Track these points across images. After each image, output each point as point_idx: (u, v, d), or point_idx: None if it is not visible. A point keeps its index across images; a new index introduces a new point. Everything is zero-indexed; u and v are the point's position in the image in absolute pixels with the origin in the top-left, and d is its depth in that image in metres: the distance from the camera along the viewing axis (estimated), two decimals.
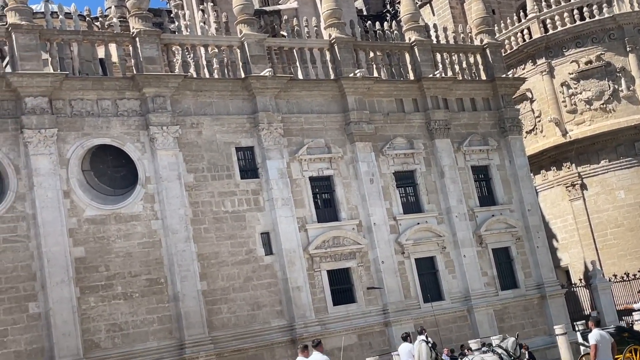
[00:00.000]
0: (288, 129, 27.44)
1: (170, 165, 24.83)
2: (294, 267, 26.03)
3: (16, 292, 21.90)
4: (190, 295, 24.01)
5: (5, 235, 22.15)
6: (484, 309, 29.17)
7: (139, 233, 24.10)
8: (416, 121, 30.47)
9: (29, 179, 22.73)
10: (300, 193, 27.23)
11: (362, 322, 26.98)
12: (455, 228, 29.70)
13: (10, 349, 21.45)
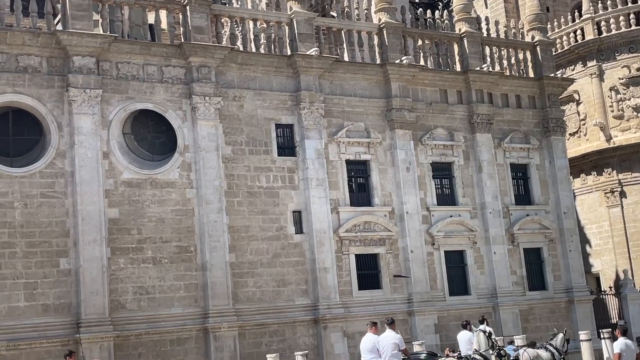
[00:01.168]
0: (329, 110, 27.41)
1: (209, 135, 24.98)
2: (322, 248, 26.09)
3: (49, 247, 22.30)
4: (218, 266, 24.22)
5: (43, 190, 22.53)
6: (509, 308, 28.98)
7: (173, 200, 24.34)
8: (459, 113, 30.23)
9: (70, 137, 23.05)
10: (336, 175, 27.22)
11: (386, 309, 26.96)
12: (488, 224, 29.48)
13: (39, 301, 21.88)
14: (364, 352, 13.94)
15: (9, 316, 21.40)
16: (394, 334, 14.11)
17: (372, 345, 13.87)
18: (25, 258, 21.89)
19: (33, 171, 22.51)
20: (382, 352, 13.77)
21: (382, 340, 13.93)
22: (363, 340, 14.14)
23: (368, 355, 13.80)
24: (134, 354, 22.46)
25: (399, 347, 13.84)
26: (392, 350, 13.76)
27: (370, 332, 14.13)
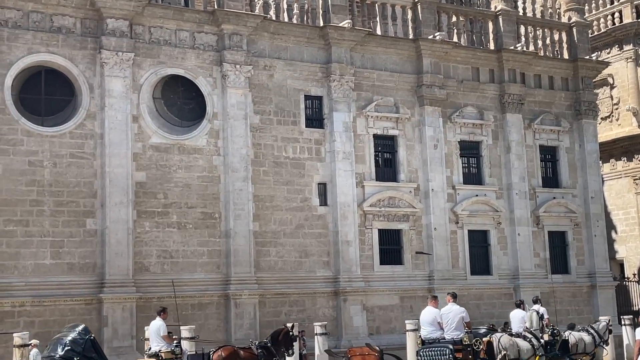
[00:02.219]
0: (359, 84, 27.30)
1: (238, 104, 25.03)
2: (346, 221, 26.14)
3: (76, 207, 22.59)
4: (241, 234, 24.39)
5: (73, 150, 22.77)
6: (530, 290, 28.86)
7: (200, 167, 24.49)
8: (490, 92, 29.95)
9: (101, 99, 23.22)
10: (363, 149, 27.18)
11: (406, 285, 27.06)
12: (513, 205, 29.33)
13: (65, 260, 22.23)
14: (425, 324, 14.09)
15: (34, 273, 21.78)
16: (458, 307, 14.25)
17: (432, 318, 14.04)
18: (53, 217, 22.21)
19: (63, 131, 22.75)
20: (445, 325, 13.83)
21: (447, 313, 14.02)
22: (424, 313, 14.29)
23: (429, 327, 13.96)
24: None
25: (463, 319, 13.95)
26: (457, 324, 13.84)
27: (431, 305, 14.27)
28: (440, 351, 13.63)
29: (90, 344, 14.27)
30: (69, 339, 14.18)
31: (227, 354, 15.62)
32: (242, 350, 16.05)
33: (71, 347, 13.96)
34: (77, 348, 13.95)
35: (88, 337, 14.33)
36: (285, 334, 17.27)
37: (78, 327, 14.71)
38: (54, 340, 14.72)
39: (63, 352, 13.89)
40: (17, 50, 22.43)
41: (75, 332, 14.37)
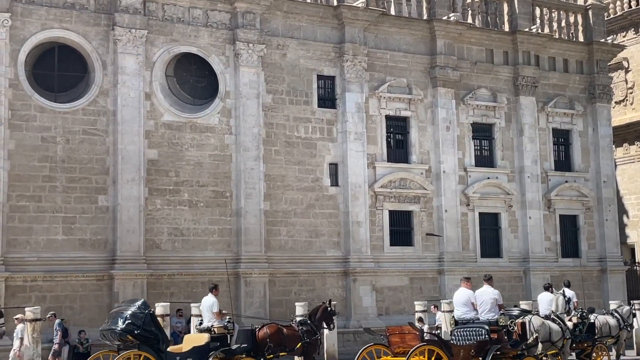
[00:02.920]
0: (372, 64, 27.17)
1: (251, 82, 24.99)
2: (357, 202, 26.15)
3: (88, 183, 22.69)
4: (252, 213, 24.45)
5: (85, 127, 22.83)
6: (540, 273, 28.88)
7: (212, 145, 24.50)
8: (503, 74, 29.77)
9: (114, 76, 23.23)
10: (375, 130, 27.11)
11: (416, 266, 27.09)
12: (525, 188, 29.25)
13: (76, 236, 22.36)
14: (458, 305, 14.28)
15: (46, 248, 21.93)
16: (492, 289, 14.41)
17: (466, 299, 14.23)
18: (65, 193, 22.32)
19: (76, 108, 22.80)
20: (479, 306, 14.03)
21: (481, 295, 14.22)
22: (457, 294, 14.48)
23: (462, 308, 14.16)
24: (166, 293, 22.89)
25: (497, 301, 14.15)
26: (491, 305, 14.04)
27: (464, 286, 14.44)
28: (476, 331, 13.82)
29: (150, 318, 14.56)
30: (129, 312, 14.42)
31: (272, 331, 15.92)
32: (285, 328, 16.38)
33: (131, 320, 14.22)
34: (137, 322, 14.23)
35: (147, 311, 14.60)
36: (324, 310, 17.46)
37: (137, 301, 14.96)
38: (113, 314, 14.93)
39: (124, 325, 14.15)
40: (30, 26, 22.44)
41: (134, 306, 14.63)
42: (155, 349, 14.31)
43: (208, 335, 15.05)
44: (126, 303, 15.34)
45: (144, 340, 14.24)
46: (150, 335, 14.33)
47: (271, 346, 15.57)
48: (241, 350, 15.15)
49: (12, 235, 21.54)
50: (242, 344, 15.29)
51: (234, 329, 15.46)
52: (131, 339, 14.14)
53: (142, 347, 14.18)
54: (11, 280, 21.23)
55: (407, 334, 13.79)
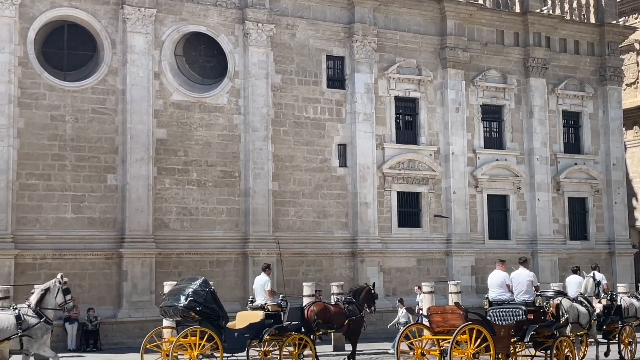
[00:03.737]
0: (381, 45, 27.05)
1: (260, 62, 24.92)
2: (365, 183, 26.14)
3: (97, 162, 22.74)
4: (260, 193, 24.48)
5: (94, 106, 22.85)
6: (548, 255, 28.89)
7: (220, 125, 24.50)
8: (514, 56, 29.60)
9: (123, 55, 23.20)
10: (383, 111, 27.05)
11: (424, 248, 27.11)
12: (534, 170, 29.18)
13: (85, 214, 22.46)
14: (493, 286, 14.63)
15: (56, 226, 22.03)
16: (527, 271, 14.71)
17: (501, 281, 14.59)
18: (74, 171, 22.39)
19: (85, 86, 22.81)
20: (515, 288, 14.32)
21: (517, 277, 14.54)
22: (492, 276, 14.86)
23: (497, 289, 14.53)
24: (174, 272, 23.00)
25: (533, 283, 14.41)
26: (527, 287, 14.29)
27: (499, 268, 14.79)
28: (513, 311, 14.18)
29: (210, 295, 14.89)
30: (191, 290, 14.77)
31: (319, 309, 16.40)
32: (332, 306, 16.90)
33: (193, 297, 14.57)
34: (199, 299, 14.59)
35: (208, 289, 14.94)
36: (367, 292, 17.92)
37: (197, 279, 15.29)
38: (174, 291, 15.26)
39: (187, 302, 14.52)
40: (39, 4, 22.40)
41: (196, 284, 14.98)
42: (215, 325, 14.75)
43: (262, 312, 15.55)
44: (186, 281, 15.66)
45: (205, 316, 14.67)
46: (211, 312, 14.77)
47: (319, 323, 16.13)
48: (292, 327, 15.69)
49: (21, 213, 21.65)
50: (292, 321, 15.84)
51: (286, 307, 15.95)
52: (193, 315, 14.57)
53: (203, 323, 14.63)
54: (21, 257, 21.37)
55: (450, 314, 14.03)
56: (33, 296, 13.40)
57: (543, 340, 14.43)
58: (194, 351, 14.20)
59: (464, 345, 13.19)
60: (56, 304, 13.41)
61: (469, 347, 13.09)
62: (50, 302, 13.37)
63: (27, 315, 13.05)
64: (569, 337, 14.69)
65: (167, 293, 15.65)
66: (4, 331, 12.76)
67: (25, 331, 12.87)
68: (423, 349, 13.99)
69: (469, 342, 13.13)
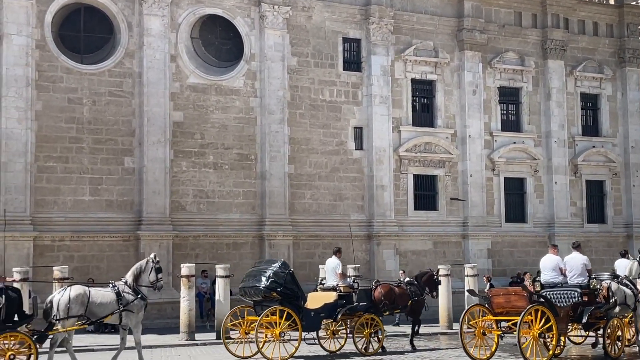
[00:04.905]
0: (398, 27, 26.90)
1: (276, 45, 24.87)
2: (381, 166, 26.10)
3: (114, 145, 22.84)
4: (276, 176, 24.51)
5: (111, 89, 22.92)
6: (565, 238, 28.62)
7: (237, 108, 24.51)
8: (532, 37, 29.33)
9: (139, 37, 23.22)
10: (400, 93, 26.94)
11: (440, 231, 27.07)
12: (551, 153, 28.99)
13: (103, 197, 22.60)
14: (546, 270, 15.03)
15: (74, 209, 22.19)
16: (581, 255, 15.07)
17: (555, 264, 15.06)
18: (92, 154, 22.51)
19: (102, 69, 22.87)
20: (568, 272, 14.66)
21: (570, 261, 14.94)
22: (545, 260, 15.32)
23: (550, 273, 14.98)
24: (192, 254, 23.12)
25: (586, 266, 14.68)
26: (581, 270, 14.84)
27: (551, 252, 15.21)
28: (569, 294, 14.54)
29: (290, 277, 15.51)
30: (272, 271, 15.38)
31: (386, 290, 16.87)
32: (397, 288, 17.38)
33: (274, 279, 15.22)
34: (280, 280, 15.24)
35: (288, 271, 15.56)
36: (430, 277, 18.36)
37: (276, 261, 15.95)
38: (253, 272, 15.83)
39: (268, 282, 15.17)
40: None
41: (275, 266, 15.59)
42: (294, 305, 15.34)
43: (335, 293, 16.09)
44: (264, 263, 16.38)
45: (285, 297, 15.25)
46: (291, 292, 15.37)
47: (386, 304, 16.70)
48: (361, 308, 16.24)
49: (40, 195, 21.82)
50: (361, 302, 16.38)
51: (358, 289, 16.55)
52: (274, 295, 15.19)
53: (283, 302, 15.21)
54: (39, 239, 21.55)
55: (513, 295, 14.39)
56: (129, 274, 13.93)
57: (594, 321, 14.77)
58: (275, 329, 14.86)
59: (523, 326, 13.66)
60: (149, 281, 13.89)
61: (534, 327, 13.55)
62: (145, 280, 13.88)
63: (125, 292, 13.55)
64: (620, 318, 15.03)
65: (246, 275, 16.19)
66: (106, 306, 13.34)
67: (125, 307, 13.42)
68: (484, 328, 14.45)
69: (535, 322, 13.58)
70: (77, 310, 13.01)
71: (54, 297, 13.24)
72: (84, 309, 13.08)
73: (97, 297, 13.30)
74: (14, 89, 21.52)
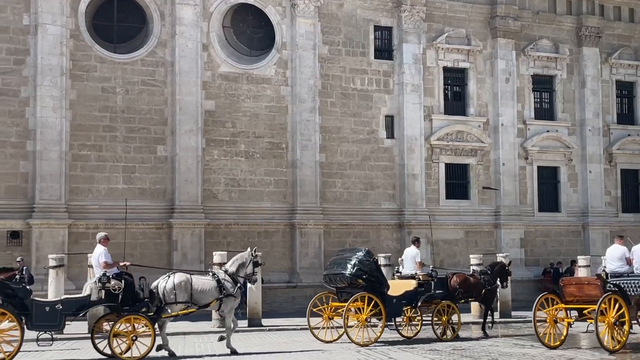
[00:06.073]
0: (430, 14, 26.70)
1: (307, 34, 24.85)
2: (412, 155, 25.99)
3: (147, 134, 23.04)
4: (307, 165, 24.54)
5: (144, 78, 23.10)
6: (599, 228, 28.41)
7: (268, 96, 24.56)
8: (566, 24, 28.93)
9: (172, 27, 23.36)
10: (432, 82, 26.76)
11: (472, 220, 26.91)
12: (586, 142, 28.62)
13: (136, 185, 22.83)
14: (613, 259, 15.37)
15: (107, 197, 22.46)
16: None
17: (621, 254, 15.35)
18: (125, 143, 22.73)
19: (135, 58, 23.06)
20: (635, 261, 15.14)
21: (637, 251, 15.03)
22: (611, 250, 15.72)
23: (617, 262, 15.37)
24: (223, 242, 23.27)
25: None
26: None
27: (618, 243, 15.61)
28: (636, 282, 14.77)
29: (375, 265, 15.97)
30: (357, 259, 15.77)
31: (461, 279, 17.21)
32: (471, 277, 17.74)
33: (360, 267, 15.63)
34: (365, 268, 15.65)
35: (372, 259, 16.01)
36: (502, 267, 18.67)
37: (360, 250, 16.30)
38: (337, 260, 16.32)
39: (354, 270, 15.60)
40: None
41: (360, 254, 15.97)
42: (379, 292, 15.75)
43: (415, 281, 16.58)
44: (348, 251, 16.74)
45: (370, 284, 15.67)
46: (375, 280, 15.79)
47: (461, 292, 17.07)
48: (438, 295, 16.70)
49: (74, 183, 22.11)
50: (437, 290, 16.79)
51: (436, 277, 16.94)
52: (360, 282, 15.61)
53: (367, 289, 15.61)
54: (74, 227, 21.86)
55: (586, 285, 14.76)
56: (230, 263, 14.54)
57: None
58: (362, 315, 15.28)
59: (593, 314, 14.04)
60: (245, 273, 14.45)
61: (609, 315, 13.89)
62: (241, 271, 14.41)
63: (225, 280, 14.11)
64: None
65: (330, 262, 16.74)
66: (207, 293, 13.91)
67: (226, 295, 13.99)
68: (556, 316, 14.72)
69: (610, 310, 13.93)
70: (182, 296, 13.63)
71: (159, 283, 13.80)
72: (188, 295, 13.69)
73: (198, 285, 13.88)
74: (49, 78, 21.80)
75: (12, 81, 21.74)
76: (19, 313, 12.51)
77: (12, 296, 12.60)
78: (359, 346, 14.95)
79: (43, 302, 13.23)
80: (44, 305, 12.89)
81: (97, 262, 13.74)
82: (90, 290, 13.19)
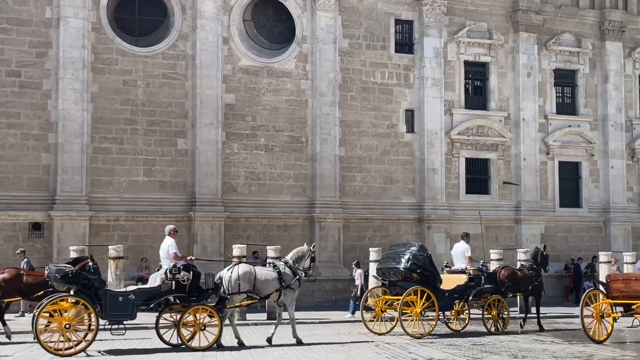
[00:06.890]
0: (451, 8, 26.55)
1: (327, 27, 24.80)
2: (432, 149, 25.89)
3: (168, 127, 23.14)
4: (327, 159, 24.53)
5: (165, 71, 23.18)
6: (621, 224, 28.15)
7: (288, 90, 24.56)
8: (589, 18, 28.64)
9: (193, 20, 23.42)
10: (452, 76, 26.63)
11: (492, 215, 26.74)
12: (608, 137, 28.36)
13: (157, 178, 22.94)
14: None
15: (128, 189, 22.59)
16: None
17: None
18: (146, 135, 22.85)
19: (156, 52, 23.14)
20: None
21: None
22: None
23: None
24: (243, 235, 23.33)
25: None
26: None
27: None
28: None
29: (428, 259, 16.29)
30: (411, 254, 16.18)
31: (509, 273, 17.49)
32: (518, 271, 17.98)
33: (414, 261, 16.06)
34: (419, 262, 16.07)
35: (426, 254, 16.35)
36: (542, 255, 18.80)
37: (413, 245, 16.77)
38: (391, 255, 16.74)
39: (408, 264, 16.02)
40: None
41: (413, 249, 16.39)
42: (432, 286, 16.11)
43: (466, 276, 16.92)
44: (402, 246, 17.17)
45: (423, 278, 16.04)
46: (429, 274, 16.14)
47: (510, 286, 17.35)
48: (488, 289, 16.98)
49: (95, 176, 22.26)
50: (486, 284, 17.05)
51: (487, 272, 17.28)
52: (414, 276, 16.01)
53: (421, 283, 15.97)
54: (95, 219, 22.01)
55: (634, 281, 14.91)
56: (290, 256, 15.00)
57: None
58: (416, 308, 15.62)
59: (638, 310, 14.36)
60: (303, 267, 14.94)
61: None
62: (300, 264, 14.90)
63: (285, 272, 14.58)
64: None
65: (383, 257, 17.24)
66: (269, 284, 14.35)
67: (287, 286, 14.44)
68: (603, 311, 14.87)
69: None
70: (245, 287, 14.03)
71: (223, 274, 14.18)
72: (251, 286, 14.10)
73: (261, 275, 14.31)
74: (71, 71, 21.95)
75: (35, 74, 21.91)
76: (94, 303, 12.72)
77: (88, 286, 12.85)
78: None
79: (117, 292, 13.59)
80: (117, 295, 13.19)
81: (166, 254, 14.04)
82: (160, 281, 13.46)
